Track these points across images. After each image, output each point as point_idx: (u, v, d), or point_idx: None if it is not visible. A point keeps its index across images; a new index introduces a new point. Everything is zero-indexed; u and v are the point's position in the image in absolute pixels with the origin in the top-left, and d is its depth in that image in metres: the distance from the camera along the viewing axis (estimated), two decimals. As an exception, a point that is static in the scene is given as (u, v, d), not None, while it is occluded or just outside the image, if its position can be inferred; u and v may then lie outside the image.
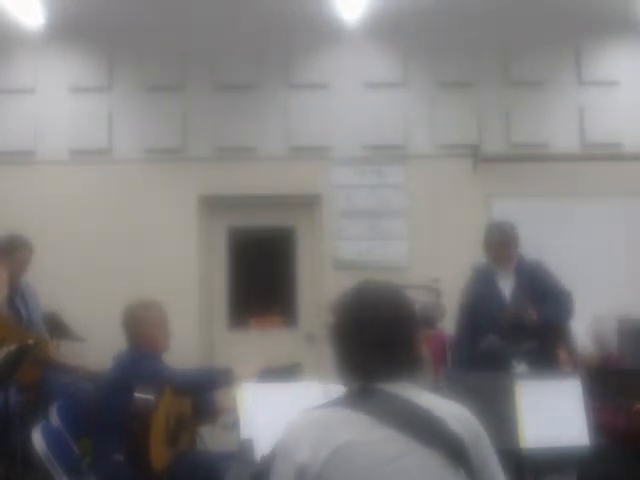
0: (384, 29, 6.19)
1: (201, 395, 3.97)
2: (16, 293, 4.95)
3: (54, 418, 3.87)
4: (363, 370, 1.87)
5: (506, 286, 4.73)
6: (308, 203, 6.35)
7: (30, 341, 4.35)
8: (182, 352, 4.28)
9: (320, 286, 6.15)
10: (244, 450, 2.86)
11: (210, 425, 4.22)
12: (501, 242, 4.72)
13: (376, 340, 1.86)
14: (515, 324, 4.49)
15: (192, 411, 3.97)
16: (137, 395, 3.62)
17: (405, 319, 1.91)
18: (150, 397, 3.64)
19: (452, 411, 1.86)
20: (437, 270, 5.99)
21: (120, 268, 6.01)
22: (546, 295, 4.64)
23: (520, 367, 4.25)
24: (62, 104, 6.27)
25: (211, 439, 4.55)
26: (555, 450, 2.96)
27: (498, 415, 2.85)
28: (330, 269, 6.21)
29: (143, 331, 3.98)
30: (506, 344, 4.45)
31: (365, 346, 1.87)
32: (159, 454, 3.66)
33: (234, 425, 3.08)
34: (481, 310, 4.67)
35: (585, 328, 5.57)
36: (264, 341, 6.13)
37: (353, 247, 6.27)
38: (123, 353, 4.00)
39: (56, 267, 5.84)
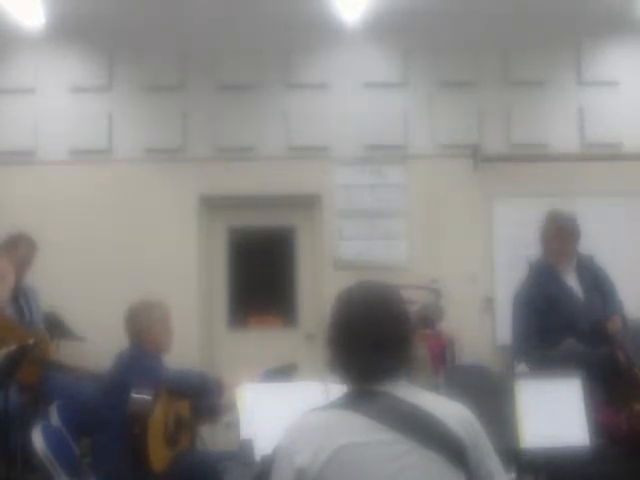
0: (384, 29, 6.19)
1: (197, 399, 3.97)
2: (20, 294, 4.98)
3: (54, 418, 3.87)
4: (358, 371, 1.87)
5: (575, 284, 4.38)
6: (308, 203, 6.35)
7: (30, 341, 4.35)
8: (182, 351, 4.27)
9: (320, 286, 6.15)
10: (244, 450, 2.86)
11: (210, 425, 4.22)
12: (566, 233, 4.37)
13: (369, 341, 1.86)
14: (597, 329, 4.21)
15: (191, 412, 3.97)
16: (134, 395, 3.62)
17: (397, 319, 1.90)
18: (147, 397, 3.64)
19: (451, 411, 1.86)
20: (436, 270, 5.99)
21: (120, 268, 6.01)
22: (609, 292, 4.44)
23: (520, 367, 4.22)
24: (62, 104, 6.27)
25: (211, 439, 4.55)
26: (555, 450, 2.96)
27: (498, 415, 2.85)
28: (330, 269, 6.20)
29: (146, 330, 3.99)
30: (587, 348, 4.16)
31: (358, 347, 1.87)
32: (159, 456, 3.66)
33: (234, 425, 3.08)
34: (553, 312, 4.28)
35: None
36: (264, 341, 6.13)
37: (353, 247, 6.27)
38: (124, 352, 4.01)
39: (56, 267, 5.84)
